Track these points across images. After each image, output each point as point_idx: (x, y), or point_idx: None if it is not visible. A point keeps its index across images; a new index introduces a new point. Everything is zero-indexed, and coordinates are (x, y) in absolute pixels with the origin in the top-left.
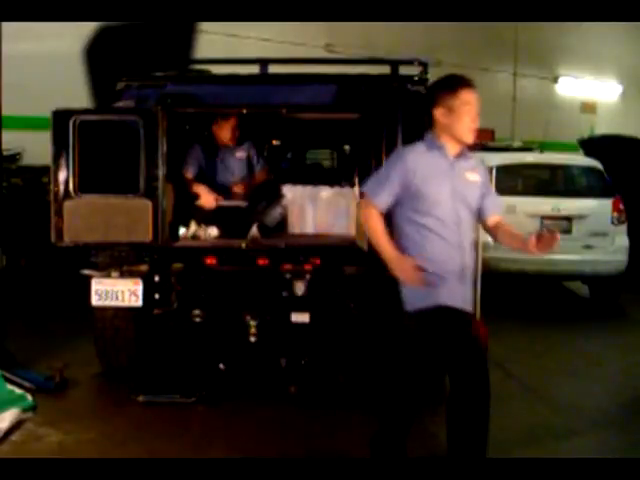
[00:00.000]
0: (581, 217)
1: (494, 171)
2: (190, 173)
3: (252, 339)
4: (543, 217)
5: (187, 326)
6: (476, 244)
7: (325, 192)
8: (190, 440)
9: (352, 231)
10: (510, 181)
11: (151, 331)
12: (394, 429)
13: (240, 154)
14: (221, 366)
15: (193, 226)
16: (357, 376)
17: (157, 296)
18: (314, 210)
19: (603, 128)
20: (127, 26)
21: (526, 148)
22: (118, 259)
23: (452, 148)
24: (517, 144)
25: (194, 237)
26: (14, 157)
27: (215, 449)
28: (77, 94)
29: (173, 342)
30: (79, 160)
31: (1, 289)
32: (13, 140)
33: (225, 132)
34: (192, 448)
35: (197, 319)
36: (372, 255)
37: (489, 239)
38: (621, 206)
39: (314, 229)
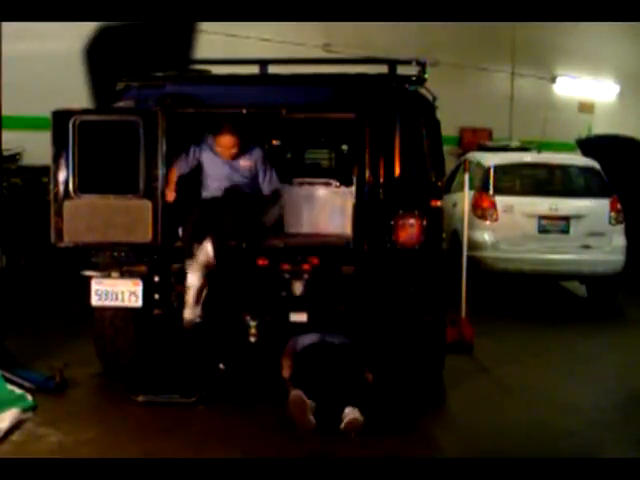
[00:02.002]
0: (579, 217)
1: (492, 171)
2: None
3: (252, 339)
4: (541, 217)
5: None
6: (461, 243)
7: (322, 191)
8: (190, 440)
9: (348, 230)
10: (508, 181)
11: (151, 331)
12: None
13: (244, 162)
14: (221, 366)
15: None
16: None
17: (157, 296)
18: (310, 210)
19: (601, 128)
20: (127, 26)
21: (524, 148)
22: (118, 259)
23: None
24: (515, 144)
25: None
26: (14, 157)
27: (215, 449)
28: (77, 94)
29: (173, 342)
30: (79, 160)
31: (1, 289)
32: (13, 140)
33: (223, 149)
34: (192, 448)
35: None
36: (369, 254)
37: (487, 238)
38: (619, 206)
39: (311, 229)
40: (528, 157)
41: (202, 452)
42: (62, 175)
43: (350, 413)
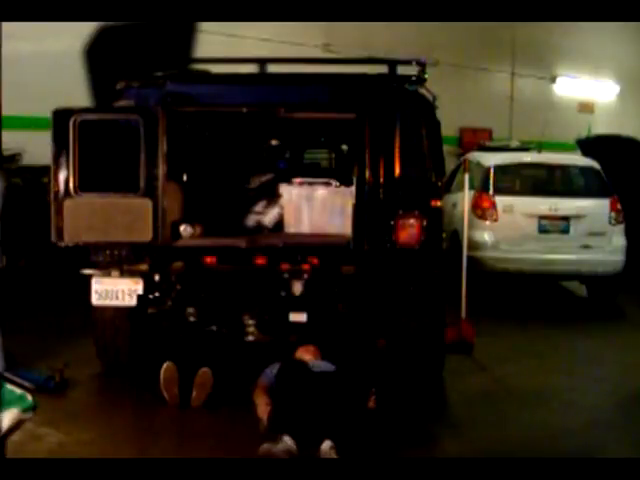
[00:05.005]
0: (579, 217)
1: (492, 171)
2: None
3: (250, 338)
4: (541, 217)
5: (185, 325)
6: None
7: (321, 191)
8: (188, 440)
9: (348, 230)
10: (508, 181)
11: (150, 330)
12: None
13: None
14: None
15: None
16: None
17: (157, 295)
18: (310, 209)
19: (600, 128)
20: (127, 26)
21: (524, 148)
22: (118, 258)
23: None
24: (515, 144)
25: None
26: (14, 157)
27: (213, 449)
28: (77, 94)
29: (172, 340)
30: (79, 159)
31: (1, 289)
32: (13, 140)
33: None
34: (191, 448)
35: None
36: (369, 254)
37: (487, 238)
38: (619, 206)
39: (310, 228)
40: (528, 157)
41: (200, 452)
42: (62, 174)
43: (325, 452)
